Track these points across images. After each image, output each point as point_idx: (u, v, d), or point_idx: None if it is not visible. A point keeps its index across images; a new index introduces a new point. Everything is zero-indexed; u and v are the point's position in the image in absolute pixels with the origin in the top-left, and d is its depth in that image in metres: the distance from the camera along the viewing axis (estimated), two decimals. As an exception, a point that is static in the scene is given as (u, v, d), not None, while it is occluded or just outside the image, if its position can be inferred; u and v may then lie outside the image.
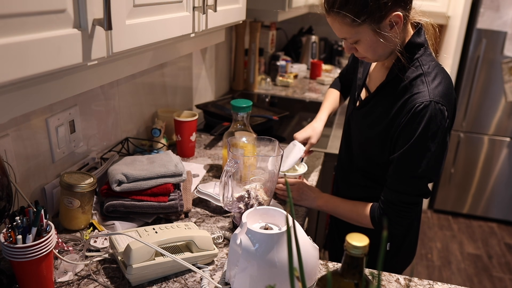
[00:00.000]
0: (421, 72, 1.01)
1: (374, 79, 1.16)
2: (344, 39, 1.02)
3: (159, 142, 1.51)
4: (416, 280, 1.00)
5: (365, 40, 0.99)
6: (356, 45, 1.01)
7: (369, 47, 1.00)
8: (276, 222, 0.92)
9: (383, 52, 1.02)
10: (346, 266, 0.61)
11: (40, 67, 0.59)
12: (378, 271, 0.45)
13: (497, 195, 3.18)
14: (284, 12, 2.11)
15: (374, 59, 1.06)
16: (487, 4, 2.77)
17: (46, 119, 1.09)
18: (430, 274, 2.65)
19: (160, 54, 1.03)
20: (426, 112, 0.96)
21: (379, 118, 1.08)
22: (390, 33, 0.97)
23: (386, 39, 0.97)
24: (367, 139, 1.13)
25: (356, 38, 0.99)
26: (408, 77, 1.02)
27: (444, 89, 0.99)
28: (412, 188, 1.03)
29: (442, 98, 0.97)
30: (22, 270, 0.81)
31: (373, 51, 1.01)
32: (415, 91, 0.99)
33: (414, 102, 0.98)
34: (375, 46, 1.00)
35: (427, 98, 0.97)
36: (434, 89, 0.98)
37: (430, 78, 0.99)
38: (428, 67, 1.01)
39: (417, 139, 0.98)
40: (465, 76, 2.96)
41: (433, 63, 1.03)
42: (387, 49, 1.01)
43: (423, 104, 0.96)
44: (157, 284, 0.92)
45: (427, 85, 0.98)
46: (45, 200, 1.12)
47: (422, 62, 1.02)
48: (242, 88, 2.53)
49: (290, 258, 0.44)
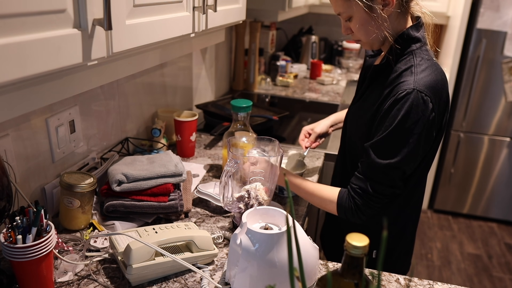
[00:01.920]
0: (412, 64, 1.00)
1: None
2: (339, 14, 1.05)
3: (159, 142, 1.51)
4: (416, 280, 1.00)
5: (357, 17, 1.01)
6: (350, 23, 1.04)
7: (361, 25, 1.02)
8: (276, 222, 0.92)
9: (376, 36, 1.03)
10: (346, 266, 0.61)
11: (40, 67, 0.59)
12: (378, 271, 0.45)
13: (497, 195, 3.18)
14: (284, 12, 2.12)
15: (367, 42, 1.06)
16: (487, 4, 2.77)
17: (46, 119, 1.09)
18: (430, 274, 2.65)
19: (160, 54, 1.03)
20: (408, 100, 0.95)
21: (370, 106, 1.07)
22: (383, 13, 0.99)
23: (377, 19, 0.99)
24: (357, 129, 1.13)
25: (348, 14, 1.02)
26: (399, 68, 1.02)
27: (431, 81, 0.98)
28: (385, 178, 1.01)
29: (427, 89, 0.96)
30: (22, 270, 0.81)
31: (365, 31, 1.03)
32: (401, 80, 0.99)
33: (398, 89, 0.98)
34: (366, 26, 1.01)
35: (410, 86, 0.96)
36: (420, 80, 0.97)
37: (419, 70, 0.99)
38: (420, 60, 1.01)
39: (396, 127, 0.97)
40: (465, 76, 2.96)
41: (427, 57, 1.02)
42: (377, 33, 1.02)
43: (406, 91, 0.96)
44: (157, 284, 0.92)
45: (414, 76, 0.98)
46: (45, 200, 1.12)
47: (415, 55, 1.02)
48: (242, 88, 2.53)
49: (290, 258, 0.44)
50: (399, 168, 1.01)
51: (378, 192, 1.02)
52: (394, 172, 1.01)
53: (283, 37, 3.39)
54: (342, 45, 3.31)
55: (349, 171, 1.18)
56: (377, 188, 1.02)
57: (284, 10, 2.03)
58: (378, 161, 1.00)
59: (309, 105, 2.39)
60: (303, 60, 3.23)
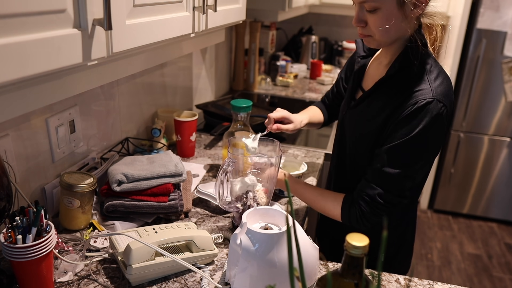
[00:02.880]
0: (423, 70, 0.99)
1: (371, 77, 1.13)
2: (362, 2, 0.95)
3: (159, 142, 1.51)
4: (416, 280, 1.00)
5: (385, 10, 0.92)
6: (371, 15, 0.94)
7: (386, 20, 0.94)
8: (276, 222, 0.92)
9: (393, 35, 0.97)
10: (346, 266, 0.61)
11: (40, 67, 0.59)
12: (378, 271, 0.45)
13: (497, 195, 3.18)
14: (284, 12, 2.12)
15: (379, 40, 0.99)
16: (487, 4, 2.77)
17: (46, 119, 1.09)
18: (430, 274, 2.65)
19: (160, 54, 1.03)
20: (429, 110, 0.93)
21: (377, 112, 1.03)
22: (410, 14, 0.93)
23: (405, 18, 0.93)
24: (362, 136, 1.08)
25: (377, 5, 0.92)
26: (410, 74, 0.99)
27: (446, 90, 0.97)
28: (395, 187, 0.98)
29: (444, 98, 0.96)
30: (22, 270, 0.81)
31: (385, 29, 0.95)
32: (417, 87, 0.96)
33: (417, 98, 0.95)
34: (390, 23, 0.94)
35: (430, 96, 0.94)
36: (437, 88, 0.96)
37: (432, 77, 0.98)
38: (430, 66, 1.00)
39: (414, 137, 0.95)
40: (465, 76, 2.96)
41: (435, 62, 1.02)
42: (398, 32, 0.97)
43: (426, 101, 0.93)
44: (157, 284, 0.92)
45: (429, 83, 0.96)
46: (45, 200, 1.12)
47: (424, 60, 1.00)
48: (242, 88, 2.53)
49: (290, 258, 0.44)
50: (411, 178, 0.98)
51: (386, 201, 0.99)
52: (405, 181, 0.98)
53: (283, 37, 3.39)
54: (342, 45, 3.31)
55: (348, 178, 1.16)
56: (385, 197, 0.99)
57: (284, 10, 2.03)
58: (390, 170, 0.97)
59: (309, 105, 2.39)
60: (303, 60, 3.23)
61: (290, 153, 1.66)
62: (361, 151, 1.10)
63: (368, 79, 1.14)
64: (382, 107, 1.02)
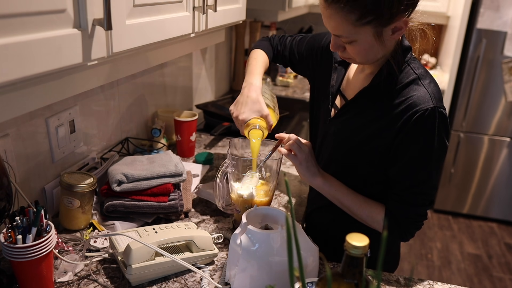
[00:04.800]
0: (416, 77, 0.96)
1: (353, 84, 1.07)
2: (338, 36, 0.93)
3: (159, 142, 1.51)
4: (416, 280, 1.00)
5: (362, 42, 0.90)
6: (349, 45, 0.93)
7: (363, 50, 0.92)
8: (276, 222, 0.92)
9: (374, 57, 0.95)
10: (346, 266, 0.61)
11: (40, 67, 0.59)
12: (378, 271, 0.45)
13: (497, 195, 3.18)
14: (284, 12, 2.11)
15: (361, 62, 0.99)
16: (487, 4, 2.77)
17: (46, 119, 1.09)
18: (430, 274, 2.65)
19: (160, 54, 1.03)
20: (434, 119, 0.92)
21: (366, 124, 1.00)
22: (390, 40, 0.92)
23: (384, 45, 0.92)
24: (351, 149, 1.05)
25: (353, 39, 0.90)
26: (401, 82, 0.97)
27: (439, 93, 0.97)
28: (425, 199, 0.99)
29: (441, 102, 0.95)
30: (22, 270, 0.81)
31: (365, 55, 0.94)
32: (414, 94, 0.94)
33: (414, 106, 0.93)
34: (369, 50, 0.92)
35: (430, 104, 0.92)
36: (433, 94, 0.94)
37: (425, 82, 0.96)
38: (421, 72, 0.98)
39: (427, 149, 0.93)
40: (465, 76, 2.96)
41: (423, 68, 1.00)
42: (378, 55, 0.95)
43: (427, 110, 0.92)
44: (157, 284, 0.92)
45: (425, 89, 0.94)
46: (45, 200, 1.12)
47: (412, 66, 0.98)
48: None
49: (290, 258, 0.44)
50: (435, 185, 0.99)
51: (421, 214, 1.00)
52: (432, 190, 0.99)
53: (283, 37, 3.39)
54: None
55: None
56: (420, 211, 0.99)
57: (284, 10, 2.03)
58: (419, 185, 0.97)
59: (309, 105, 2.39)
60: (303, 60, 3.22)
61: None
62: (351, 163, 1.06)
63: (350, 86, 1.09)
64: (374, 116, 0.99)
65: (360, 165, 1.04)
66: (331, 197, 1.06)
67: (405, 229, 1.01)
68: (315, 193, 1.23)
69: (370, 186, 1.05)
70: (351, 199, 1.04)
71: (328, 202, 1.10)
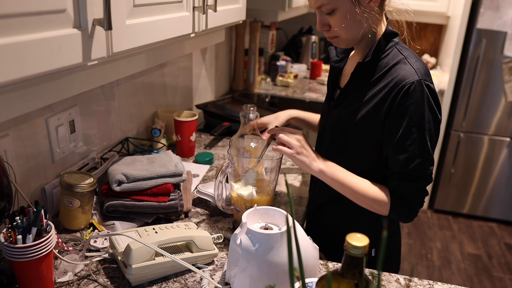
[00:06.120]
0: (402, 57, 1.00)
1: (346, 74, 1.13)
2: (319, 7, 0.98)
3: (159, 142, 1.51)
4: (416, 280, 1.00)
5: (342, 10, 0.96)
6: (331, 17, 0.98)
7: (345, 19, 0.97)
8: (276, 222, 0.92)
9: (357, 31, 1.00)
10: (346, 266, 0.61)
11: (40, 67, 0.59)
12: (378, 271, 0.45)
13: (497, 195, 3.18)
14: (284, 12, 2.11)
15: (346, 38, 1.02)
16: (487, 4, 2.77)
17: (46, 119, 1.09)
18: (430, 274, 2.65)
19: (160, 54, 1.03)
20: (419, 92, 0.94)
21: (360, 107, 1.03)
22: (368, 7, 0.96)
23: (362, 13, 0.96)
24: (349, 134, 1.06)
25: (333, 6, 0.96)
26: (388, 63, 1.00)
27: (427, 70, 0.98)
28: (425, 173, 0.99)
29: (429, 77, 0.97)
30: (22, 270, 0.81)
31: (347, 26, 0.98)
32: (399, 73, 0.97)
33: (400, 82, 0.96)
34: (351, 20, 0.97)
35: (415, 78, 0.95)
36: (419, 69, 0.96)
37: (412, 61, 0.99)
38: (407, 54, 1.01)
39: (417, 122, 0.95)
40: (465, 76, 2.96)
41: (410, 51, 1.03)
42: (360, 28, 0.99)
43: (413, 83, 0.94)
44: (157, 284, 0.92)
45: (411, 66, 0.97)
46: (45, 200, 1.12)
47: (399, 49, 1.02)
48: (242, 88, 2.53)
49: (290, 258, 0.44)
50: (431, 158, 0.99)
51: (424, 189, 1.01)
52: (430, 164, 0.99)
53: (283, 37, 3.39)
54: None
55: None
56: (422, 186, 1.00)
57: (284, 10, 2.03)
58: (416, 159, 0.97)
59: (309, 105, 2.39)
60: (303, 60, 3.23)
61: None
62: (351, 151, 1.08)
63: (345, 78, 1.14)
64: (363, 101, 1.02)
65: (359, 149, 1.06)
66: (333, 182, 1.04)
67: (410, 207, 1.01)
68: (315, 193, 1.24)
69: (371, 171, 1.06)
70: (355, 182, 1.03)
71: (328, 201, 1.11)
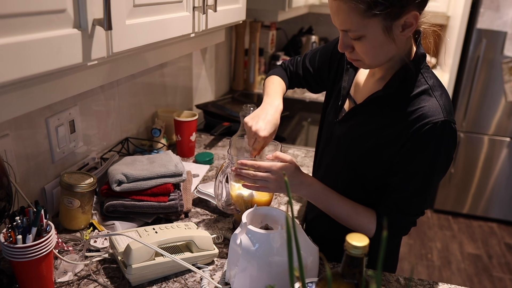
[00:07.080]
0: (427, 87, 0.94)
1: (364, 89, 1.04)
2: (346, 31, 0.89)
3: (159, 142, 1.51)
4: (416, 280, 1.00)
5: (371, 38, 0.86)
6: (357, 42, 0.88)
7: (373, 47, 0.88)
8: (276, 222, 0.92)
9: (384, 58, 0.91)
10: (346, 266, 0.61)
11: (40, 67, 0.59)
12: (378, 271, 0.45)
13: (497, 195, 3.18)
14: (284, 12, 2.11)
15: (369, 64, 0.94)
16: (487, 4, 2.76)
17: (46, 119, 1.09)
18: (430, 274, 2.65)
19: (160, 54, 1.03)
20: (445, 132, 0.90)
21: (374, 131, 0.98)
22: (400, 36, 0.88)
23: (394, 42, 0.87)
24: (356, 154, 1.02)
25: (361, 33, 0.86)
26: (413, 91, 0.94)
27: (450, 105, 0.94)
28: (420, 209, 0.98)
29: (452, 115, 0.93)
30: (22, 270, 0.81)
31: (374, 54, 0.90)
32: (425, 105, 0.91)
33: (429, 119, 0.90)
34: (378, 48, 0.88)
35: (441, 117, 0.89)
36: (444, 107, 0.91)
37: (437, 94, 0.93)
38: (433, 82, 0.95)
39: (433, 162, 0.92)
40: (465, 76, 2.96)
41: (435, 77, 0.97)
42: (388, 55, 0.91)
43: (438, 122, 0.89)
44: (157, 284, 0.92)
45: (437, 101, 0.92)
46: (45, 200, 1.12)
47: (425, 76, 0.95)
48: (242, 88, 2.53)
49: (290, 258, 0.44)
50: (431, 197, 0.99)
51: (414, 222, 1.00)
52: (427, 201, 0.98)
53: (283, 37, 3.39)
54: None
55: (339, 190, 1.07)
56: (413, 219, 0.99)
57: (284, 10, 2.03)
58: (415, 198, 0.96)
59: (309, 105, 2.39)
60: (303, 60, 3.22)
61: (290, 153, 1.66)
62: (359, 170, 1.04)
63: (359, 90, 1.06)
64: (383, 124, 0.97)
65: (363, 171, 1.02)
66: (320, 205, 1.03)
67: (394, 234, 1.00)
68: None
69: (369, 191, 1.03)
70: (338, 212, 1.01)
71: None
